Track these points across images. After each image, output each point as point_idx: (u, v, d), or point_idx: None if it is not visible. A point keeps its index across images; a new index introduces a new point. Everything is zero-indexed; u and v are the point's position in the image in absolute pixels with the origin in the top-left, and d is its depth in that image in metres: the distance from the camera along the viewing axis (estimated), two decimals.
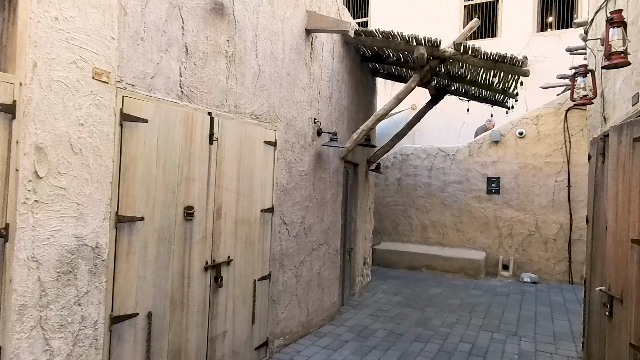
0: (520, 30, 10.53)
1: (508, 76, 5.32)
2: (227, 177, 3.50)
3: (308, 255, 4.78)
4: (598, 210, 3.75)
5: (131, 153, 2.69)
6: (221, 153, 3.43)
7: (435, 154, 9.34)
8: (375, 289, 7.10)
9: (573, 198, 8.09)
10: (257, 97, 3.86)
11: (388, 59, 6.20)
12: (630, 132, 2.69)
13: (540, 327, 5.39)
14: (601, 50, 3.75)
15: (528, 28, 10.46)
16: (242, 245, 3.72)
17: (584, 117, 8.05)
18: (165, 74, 2.93)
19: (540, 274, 8.26)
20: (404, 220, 9.53)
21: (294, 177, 4.44)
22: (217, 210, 3.41)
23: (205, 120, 3.26)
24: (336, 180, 5.38)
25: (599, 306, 3.64)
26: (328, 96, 5.10)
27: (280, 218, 4.25)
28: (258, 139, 3.87)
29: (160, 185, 2.89)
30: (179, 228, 3.06)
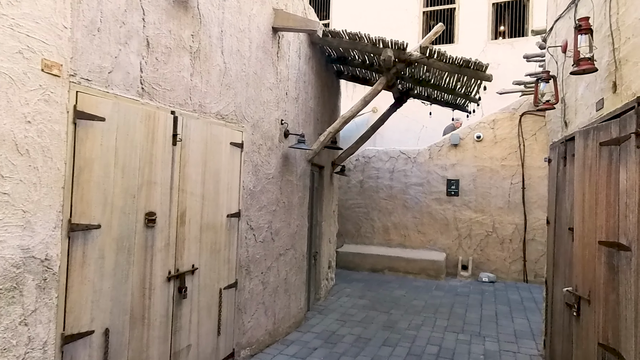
0: (476, 38, 10.88)
1: (471, 80, 5.43)
2: (191, 180, 3.29)
3: (275, 260, 4.62)
4: (560, 212, 3.87)
5: (86, 154, 2.44)
6: (185, 155, 3.22)
7: (397, 156, 9.44)
8: (340, 292, 7.03)
9: (527, 199, 8.42)
10: (223, 97, 3.68)
11: (354, 61, 6.17)
12: (597, 137, 2.76)
13: (501, 326, 5.52)
14: (562, 56, 3.87)
15: (483, 36, 10.83)
16: (208, 252, 3.51)
17: (536, 122, 8.41)
18: (124, 69, 2.69)
19: (498, 273, 8.53)
20: (367, 223, 9.55)
21: (260, 180, 4.27)
22: (180, 216, 3.19)
23: (168, 120, 3.04)
24: (303, 183, 5.26)
25: (562, 305, 3.74)
26: (295, 97, 4.97)
27: (247, 223, 4.07)
28: (224, 140, 3.68)
29: (118, 190, 2.65)
30: (140, 236, 2.82)
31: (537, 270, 8.30)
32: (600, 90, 2.88)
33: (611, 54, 2.68)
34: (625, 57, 2.47)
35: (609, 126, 2.63)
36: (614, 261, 2.53)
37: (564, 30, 3.89)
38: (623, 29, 2.50)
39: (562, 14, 3.90)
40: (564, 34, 3.87)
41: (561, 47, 3.86)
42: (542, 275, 8.22)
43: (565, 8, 3.81)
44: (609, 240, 2.59)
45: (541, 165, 8.36)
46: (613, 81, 2.64)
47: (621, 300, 2.44)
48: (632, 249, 2.30)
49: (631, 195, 2.32)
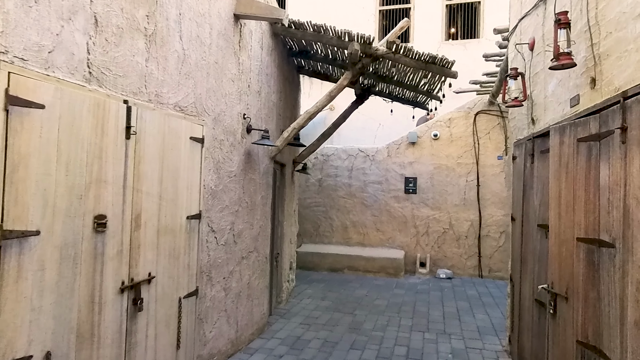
0: (430, 38, 11.04)
1: (435, 77, 5.39)
2: (147, 178, 2.94)
3: (237, 264, 4.33)
4: (528, 209, 3.88)
5: (22, 148, 2.05)
6: (140, 150, 2.87)
7: (356, 154, 9.37)
8: (302, 294, 6.82)
9: (482, 196, 8.63)
10: (182, 86, 3.34)
11: (316, 55, 5.96)
12: (574, 133, 2.74)
13: (464, 323, 5.56)
14: (529, 54, 3.89)
15: (437, 36, 11.01)
16: (166, 258, 3.17)
17: (490, 121, 8.64)
18: (68, 49, 2.32)
19: (454, 269, 8.68)
20: (325, 222, 9.41)
21: (222, 179, 3.96)
22: (135, 218, 2.83)
23: (120, 110, 2.68)
24: (266, 181, 4.99)
25: (530, 302, 3.75)
26: (257, 90, 4.69)
27: (208, 225, 3.75)
28: (183, 134, 3.34)
29: (62, 190, 2.28)
30: (88, 242, 2.45)
31: (492, 265, 8.54)
32: (575, 86, 2.87)
33: (589, 50, 2.66)
34: (606, 52, 2.45)
35: (588, 122, 2.60)
36: (595, 258, 2.51)
37: (530, 27, 3.91)
38: (603, 24, 2.48)
39: (529, 12, 3.92)
40: (531, 31, 3.89)
41: (528, 44, 3.88)
42: (496, 270, 8.48)
43: (533, 6, 3.82)
44: (589, 237, 2.56)
45: (494, 163, 8.60)
46: (592, 77, 2.61)
47: (603, 298, 2.42)
48: (616, 245, 2.27)
49: (615, 192, 2.29)
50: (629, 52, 2.19)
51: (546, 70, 3.49)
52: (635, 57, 2.13)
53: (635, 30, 2.14)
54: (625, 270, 2.16)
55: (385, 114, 8.83)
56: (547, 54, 3.46)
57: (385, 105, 7.79)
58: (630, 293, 2.12)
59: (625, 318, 2.16)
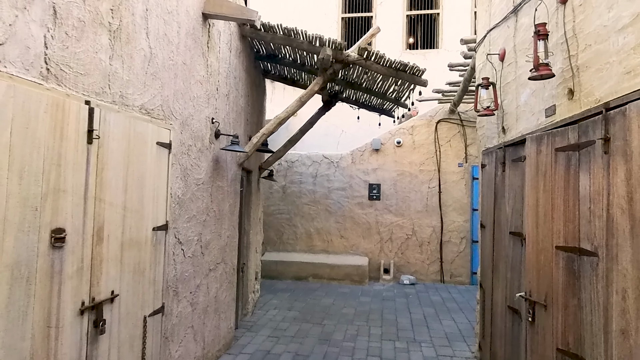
0: (391, 47, 11.18)
1: (404, 85, 5.41)
2: (111, 187, 2.68)
3: (205, 277, 4.08)
4: (499, 217, 3.94)
5: None
6: (104, 156, 2.61)
7: (320, 161, 9.29)
8: (267, 304, 6.61)
9: (443, 203, 8.80)
10: (149, 88, 3.10)
11: (284, 59, 5.83)
12: (552, 142, 2.78)
13: (432, 330, 5.58)
14: (500, 64, 3.96)
15: (398, 45, 11.20)
16: (130, 274, 2.91)
17: (451, 129, 8.85)
18: (22, 42, 2.05)
19: (417, 275, 8.78)
20: (289, 229, 9.24)
21: (190, 187, 3.73)
22: (97, 231, 2.57)
23: (82, 111, 2.42)
24: (234, 189, 4.78)
25: (503, 309, 3.79)
26: (226, 94, 4.49)
27: (175, 236, 3.51)
28: (150, 139, 3.10)
29: (15, 201, 2.00)
30: (44, 260, 2.18)
31: (453, 270, 8.70)
32: (551, 97, 2.92)
33: (565, 61, 2.71)
34: (585, 64, 2.50)
35: (566, 132, 2.65)
36: (575, 266, 2.54)
37: (500, 39, 3.99)
38: (582, 37, 2.53)
39: (499, 24, 4.00)
40: (501, 42, 3.96)
41: (499, 55, 3.95)
42: (457, 275, 8.65)
43: (502, 18, 3.90)
44: (569, 246, 2.59)
45: (455, 170, 8.81)
46: (569, 88, 2.66)
47: (584, 306, 2.45)
48: (598, 254, 2.30)
49: (597, 201, 2.32)
50: (611, 65, 2.23)
51: (518, 80, 3.56)
52: (618, 69, 2.17)
53: (618, 43, 2.18)
54: (610, 279, 2.19)
55: (348, 120, 8.85)
56: (519, 65, 3.53)
57: (348, 112, 7.78)
58: (615, 302, 2.14)
59: (610, 326, 2.18)
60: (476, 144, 8.60)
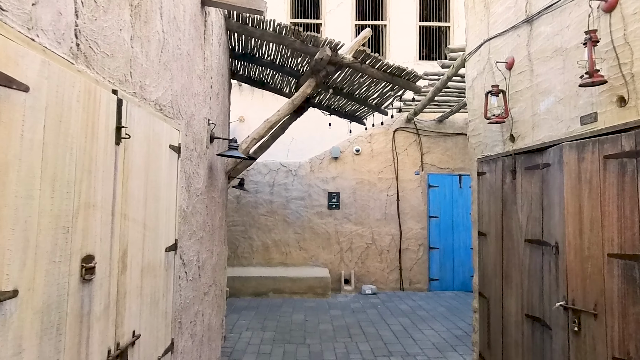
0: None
1: (391, 91, 5.29)
2: (134, 200, 2.13)
3: (201, 302, 3.53)
4: (510, 224, 3.93)
5: None
6: (129, 161, 2.07)
7: (277, 169, 8.88)
8: (237, 326, 6.04)
9: (401, 211, 8.87)
10: (162, 79, 2.57)
11: (261, 59, 5.41)
12: (600, 150, 2.79)
13: (419, 341, 5.47)
14: (508, 73, 3.98)
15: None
16: (148, 307, 2.35)
17: (407, 138, 8.99)
18: (54, 5, 1.51)
19: (377, 284, 8.71)
20: (244, 242, 8.67)
21: (192, 198, 3.20)
22: (122, 256, 2.01)
23: (110, 104, 1.88)
24: (222, 200, 4.26)
25: (519, 317, 3.77)
26: (217, 92, 3.99)
27: (180, 257, 2.96)
28: (164, 141, 2.57)
29: (47, 221, 1.45)
30: (74, 299, 1.61)
31: (412, 277, 8.79)
32: (590, 104, 2.94)
33: (612, 69, 2.73)
34: None
35: (619, 139, 2.66)
36: (635, 274, 2.54)
37: (506, 47, 4.03)
38: (636, 45, 2.56)
39: (504, 32, 4.03)
40: (508, 51, 4.00)
41: (506, 63, 3.98)
42: (416, 282, 8.73)
43: (510, 27, 3.94)
44: (627, 253, 2.59)
45: (412, 178, 8.94)
46: (619, 95, 2.68)
47: None
48: None
49: None
50: None
51: (535, 89, 3.59)
52: None
53: None
54: None
55: (299, 128, 8.56)
56: (536, 73, 3.56)
57: (299, 119, 7.52)
58: None
59: None
60: (447, 151, 8.84)
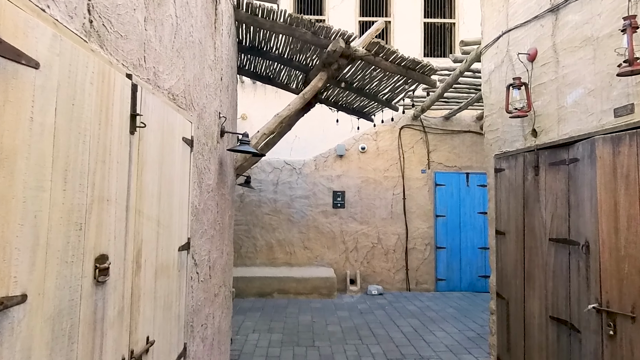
0: None
1: (407, 85, 5.12)
2: (148, 194, 1.97)
3: (211, 304, 3.37)
4: (532, 222, 3.78)
5: (4, 140, 1.06)
6: (144, 152, 1.90)
7: (282, 167, 8.71)
8: (242, 328, 5.88)
9: (408, 209, 8.72)
10: (175, 67, 2.41)
11: (269, 53, 5.24)
12: (639, 143, 2.64)
13: (431, 343, 5.32)
14: (530, 65, 3.83)
15: None
16: (161, 311, 2.18)
17: (414, 135, 8.84)
18: None
19: (383, 285, 8.56)
20: (248, 241, 8.50)
21: (203, 195, 3.03)
22: (136, 256, 1.85)
23: (125, 89, 1.71)
24: (232, 197, 4.10)
25: (543, 320, 3.62)
26: (227, 85, 3.82)
27: (193, 257, 2.79)
28: (177, 133, 2.40)
29: (58, 216, 1.28)
30: (87, 303, 1.45)
31: (418, 278, 8.64)
32: (626, 95, 2.79)
33: None
34: None
35: None
36: None
37: (528, 38, 3.87)
38: None
39: (526, 23, 3.88)
40: (530, 42, 3.85)
41: (528, 55, 3.83)
42: (422, 283, 8.59)
43: (532, 17, 3.79)
44: None
45: (418, 177, 8.80)
46: None
47: None
48: None
49: None
50: None
51: (561, 80, 3.44)
52: None
53: None
54: None
55: (301, 125, 8.40)
56: (563, 64, 3.41)
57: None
58: None
59: None
60: (454, 149, 8.69)
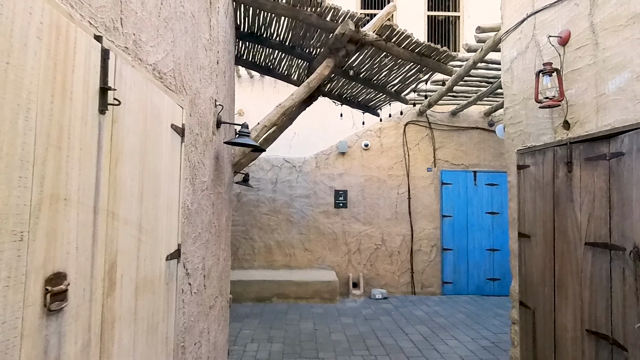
0: None
1: (422, 73, 4.73)
2: (126, 192, 1.56)
3: (206, 318, 2.96)
4: (564, 224, 3.40)
5: None
6: (119, 138, 1.49)
7: (281, 165, 8.31)
8: (240, 337, 5.47)
9: (413, 210, 8.34)
10: (161, 39, 2.00)
11: (269, 39, 4.84)
12: None
13: (445, 354, 4.94)
14: (562, 49, 3.45)
15: None
16: (144, 336, 1.77)
17: (419, 132, 8.45)
18: None
19: (388, 288, 8.17)
20: (245, 243, 8.09)
21: (197, 193, 2.62)
22: (109, 270, 1.44)
23: (92, 53, 1.31)
24: (229, 196, 3.69)
25: (578, 333, 3.25)
26: (224, 70, 3.42)
27: (184, 266, 2.39)
28: (165, 118, 1.99)
29: None
30: (32, 342, 1.04)
31: (423, 281, 8.26)
32: None
33: None
34: None
35: None
36: None
37: (560, 20, 3.49)
38: None
39: (559, 1, 3.50)
40: (561, 24, 3.47)
41: (560, 38, 3.45)
42: (428, 286, 8.21)
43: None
44: None
45: (424, 175, 8.41)
46: None
47: None
48: None
49: None
50: None
51: (601, 65, 3.05)
52: None
53: None
54: None
55: (299, 122, 8.02)
56: (602, 47, 3.03)
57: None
58: None
59: None
60: (461, 146, 8.30)
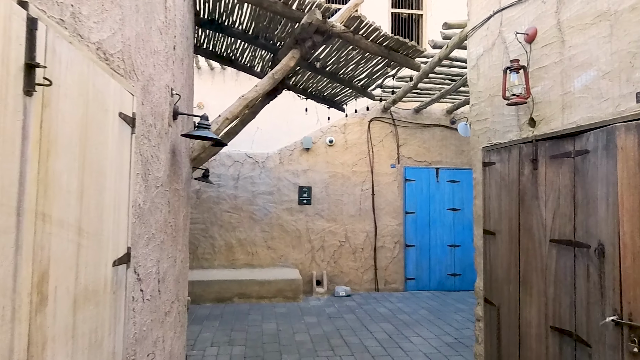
0: None
1: (387, 67, 4.63)
2: (62, 189, 1.33)
3: (161, 326, 2.72)
4: (529, 221, 3.41)
5: None
6: (51, 125, 1.26)
7: (243, 160, 8.05)
8: (200, 341, 5.21)
9: (377, 206, 8.31)
10: (108, 15, 1.76)
11: (231, 28, 4.59)
12: None
13: (410, 351, 4.91)
14: (528, 47, 3.45)
15: None
16: (85, 354, 1.54)
17: (383, 129, 8.43)
18: None
19: (351, 285, 8.12)
20: (205, 242, 7.78)
21: (150, 190, 2.38)
22: (38, 284, 1.21)
23: (13, 21, 1.07)
24: (187, 194, 3.44)
25: (542, 330, 3.26)
26: (181, 58, 3.16)
27: (135, 271, 2.15)
28: (112, 105, 1.75)
29: None
30: None
31: (387, 277, 8.26)
32: None
33: None
34: None
35: None
36: None
37: (525, 17, 3.48)
38: None
39: (523, 0, 3.49)
40: (527, 21, 3.46)
41: (526, 36, 3.44)
42: (391, 282, 8.23)
43: None
44: None
45: (388, 172, 8.41)
46: None
47: None
48: None
49: None
50: None
51: (568, 62, 3.06)
52: None
53: None
54: None
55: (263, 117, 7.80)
56: (569, 44, 3.03)
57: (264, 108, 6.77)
58: None
59: None
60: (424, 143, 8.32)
